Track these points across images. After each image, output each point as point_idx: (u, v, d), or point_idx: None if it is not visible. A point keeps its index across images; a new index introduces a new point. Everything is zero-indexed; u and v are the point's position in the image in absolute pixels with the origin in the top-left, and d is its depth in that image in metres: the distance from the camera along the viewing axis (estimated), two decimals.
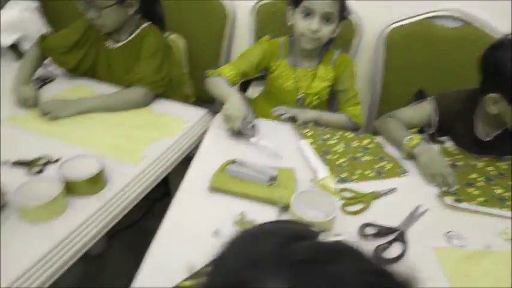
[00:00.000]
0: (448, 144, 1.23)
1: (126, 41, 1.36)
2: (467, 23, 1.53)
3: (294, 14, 1.26)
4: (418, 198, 1.00)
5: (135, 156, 1.08)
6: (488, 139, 1.15)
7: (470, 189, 1.04)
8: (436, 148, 1.16)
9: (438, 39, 1.54)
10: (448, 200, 0.99)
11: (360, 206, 0.96)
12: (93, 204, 0.92)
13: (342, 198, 0.97)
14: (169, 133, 1.19)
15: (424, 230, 0.91)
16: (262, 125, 1.23)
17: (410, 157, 1.12)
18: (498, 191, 1.04)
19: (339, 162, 1.10)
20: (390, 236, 0.87)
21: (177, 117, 1.28)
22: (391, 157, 1.14)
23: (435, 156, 1.09)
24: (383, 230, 0.88)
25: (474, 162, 1.14)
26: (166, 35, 1.50)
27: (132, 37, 1.36)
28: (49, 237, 0.82)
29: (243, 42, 1.71)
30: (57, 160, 1.03)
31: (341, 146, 1.17)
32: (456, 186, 1.02)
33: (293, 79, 1.34)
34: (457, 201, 0.99)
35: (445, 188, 1.02)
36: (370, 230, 0.89)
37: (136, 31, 1.36)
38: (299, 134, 1.21)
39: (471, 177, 1.08)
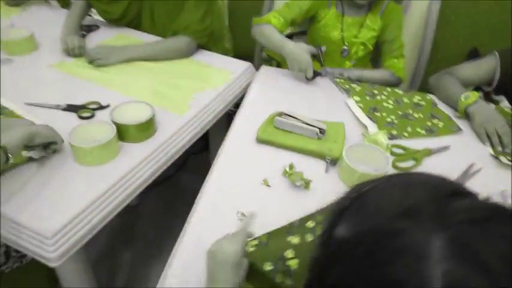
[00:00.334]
0: (504, 103, 1.16)
1: None
2: None
3: None
4: (471, 157, 0.96)
5: (181, 106, 1.08)
6: None
7: None
8: (492, 107, 1.10)
9: None
10: (504, 159, 0.95)
11: (411, 162, 0.93)
12: (144, 149, 0.93)
13: (393, 154, 0.95)
14: (214, 84, 1.18)
15: (478, 188, 0.88)
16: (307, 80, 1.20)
17: (465, 115, 1.07)
18: None
19: (389, 120, 1.06)
20: None
21: (221, 69, 1.26)
22: (444, 114, 1.10)
23: (492, 114, 1.03)
24: None
25: None
26: None
27: None
28: (103, 179, 0.84)
29: None
30: (107, 106, 1.05)
31: (390, 103, 1.13)
32: (511, 147, 0.97)
33: (340, 29, 1.28)
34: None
35: (500, 149, 0.98)
36: None
37: None
38: (346, 89, 1.17)
39: None
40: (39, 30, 1.32)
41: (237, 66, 1.28)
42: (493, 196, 0.87)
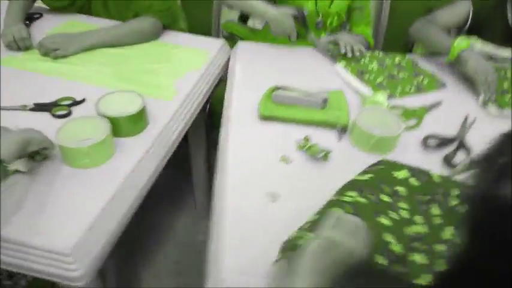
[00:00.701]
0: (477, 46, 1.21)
1: None
2: None
3: None
4: (463, 109, 1.01)
5: (166, 91, 0.99)
6: None
7: (507, 96, 1.06)
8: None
9: None
10: (491, 108, 1.01)
11: (414, 121, 0.95)
12: (142, 142, 0.84)
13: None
14: (194, 65, 1.10)
15: (477, 137, 0.93)
16: (290, 52, 1.17)
17: (456, 61, 1.09)
18: None
19: (378, 81, 1.07)
20: (452, 145, 0.88)
21: (196, 49, 1.17)
22: (426, 72, 1.14)
23: (483, 61, 1.06)
24: (444, 140, 0.89)
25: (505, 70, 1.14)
26: None
27: None
28: (108, 181, 0.74)
29: None
30: (83, 100, 0.93)
31: (375, 65, 1.14)
32: (494, 94, 1.04)
33: (313, 0, 1.26)
34: (500, 108, 1.01)
35: (488, 95, 1.03)
36: (431, 142, 0.89)
37: None
38: (333, 56, 1.16)
39: (505, 86, 1.10)
40: None
41: (210, 45, 1.21)
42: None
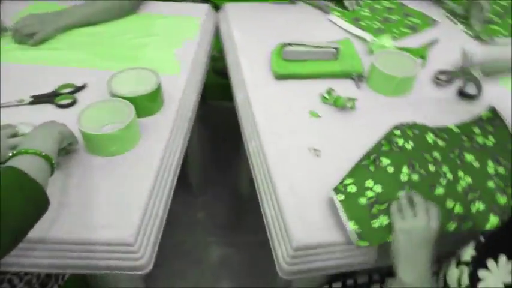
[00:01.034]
0: None
1: None
2: None
3: None
4: (458, 42, 1.05)
5: (170, 64, 0.94)
6: None
7: (493, 26, 1.12)
8: None
9: None
10: (484, 36, 1.06)
11: (420, 60, 0.97)
12: (164, 121, 0.80)
13: None
14: (188, 35, 1.04)
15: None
16: (278, 9, 1.14)
17: None
18: None
19: (375, 27, 1.08)
20: (461, 77, 0.92)
21: (183, 16, 1.11)
22: (415, 11, 1.16)
23: None
24: (453, 74, 0.92)
25: None
26: None
27: None
28: (145, 165, 0.70)
29: None
30: (84, 86, 0.86)
31: (367, 11, 1.14)
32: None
33: None
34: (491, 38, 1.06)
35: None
36: (442, 77, 0.92)
37: None
38: (322, 7, 1.15)
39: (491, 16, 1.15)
40: None
41: (196, 11, 1.14)
42: None
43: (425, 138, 0.74)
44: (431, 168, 0.67)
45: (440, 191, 0.64)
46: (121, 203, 0.64)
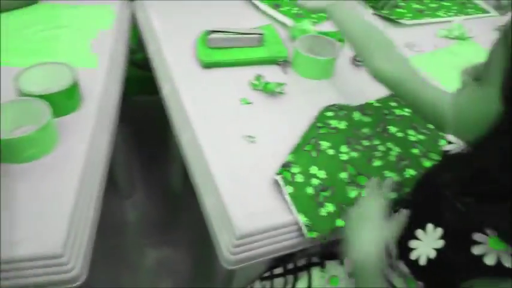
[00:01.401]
0: None
1: None
2: None
3: None
4: None
5: (89, 57, 0.86)
6: None
7: (399, 9, 1.21)
8: None
9: None
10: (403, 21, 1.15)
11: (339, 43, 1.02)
12: (85, 120, 0.73)
13: None
14: (103, 25, 0.96)
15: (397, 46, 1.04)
16: None
17: None
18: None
19: (294, 12, 1.10)
20: None
21: (95, 6, 1.02)
22: None
23: None
24: None
25: None
26: None
27: None
28: (64, 173, 0.64)
29: None
30: None
31: None
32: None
33: None
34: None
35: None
36: (359, 58, 0.97)
37: None
38: None
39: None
40: None
41: None
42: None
43: (353, 117, 0.78)
44: (365, 143, 0.71)
45: (377, 163, 0.68)
46: (44, 212, 0.57)
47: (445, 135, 0.75)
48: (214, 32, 0.91)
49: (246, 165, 0.69)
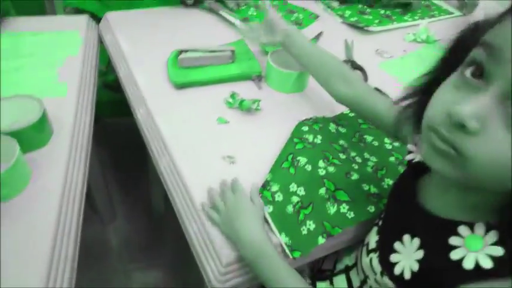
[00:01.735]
0: None
1: None
2: None
3: None
4: (340, 33, 1.13)
5: (57, 86, 0.83)
6: None
7: (366, 16, 1.22)
8: None
9: None
10: (371, 28, 1.16)
11: None
12: (57, 153, 0.70)
13: None
14: (70, 51, 0.94)
15: (364, 52, 1.06)
16: (163, 14, 1.10)
17: None
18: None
19: (249, 13, 1.11)
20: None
21: (60, 32, 1.00)
22: (298, 7, 1.22)
23: None
24: None
25: None
26: None
27: None
28: (43, 206, 0.61)
29: None
30: None
31: (253, 11, 1.16)
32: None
33: None
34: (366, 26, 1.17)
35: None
36: None
37: None
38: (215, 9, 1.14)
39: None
40: None
41: (73, 24, 1.04)
42: (371, 55, 1.07)
43: (329, 129, 0.78)
44: (342, 156, 0.71)
45: (355, 176, 0.68)
46: (21, 252, 0.55)
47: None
48: (185, 52, 0.90)
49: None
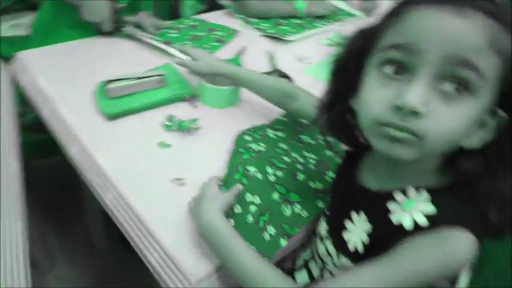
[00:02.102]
0: None
1: None
2: None
3: None
4: (261, 45, 1.18)
5: None
6: None
7: (282, 27, 1.30)
8: None
9: None
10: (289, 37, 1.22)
11: None
12: None
13: None
14: None
15: (287, 61, 1.12)
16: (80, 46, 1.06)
17: None
18: None
19: (169, 35, 1.12)
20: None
21: None
22: (217, 25, 1.25)
23: None
24: (270, 74, 1.03)
25: None
26: None
27: None
28: None
29: None
30: None
31: (173, 33, 1.16)
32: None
33: None
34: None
35: None
36: None
37: None
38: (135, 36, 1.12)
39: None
40: None
41: None
42: (294, 62, 1.13)
43: (268, 136, 0.81)
44: (286, 159, 0.75)
45: (301, 176, 0.72)
46: None
47: None
48: (112, 82, 0.88)
49: (182, 209, 0.67)
